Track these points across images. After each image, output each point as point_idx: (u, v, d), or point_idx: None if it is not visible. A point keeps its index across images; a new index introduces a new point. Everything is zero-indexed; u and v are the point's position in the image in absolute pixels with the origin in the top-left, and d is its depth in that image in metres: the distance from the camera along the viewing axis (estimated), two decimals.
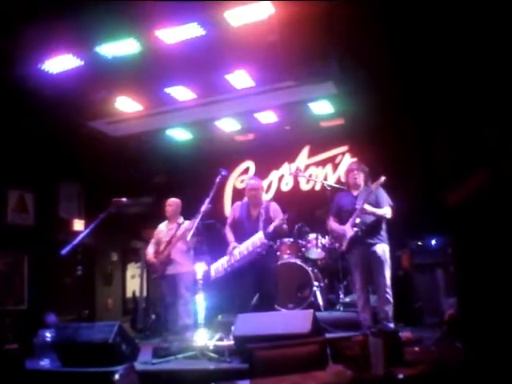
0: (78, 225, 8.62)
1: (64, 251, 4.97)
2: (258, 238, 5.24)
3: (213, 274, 5.43)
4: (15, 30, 4.97)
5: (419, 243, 6.16)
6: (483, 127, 3.41)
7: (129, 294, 9.55)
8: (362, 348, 3.07)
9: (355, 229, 4.93)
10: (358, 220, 4.92)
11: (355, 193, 5.13)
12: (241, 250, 5.28)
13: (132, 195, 6.15)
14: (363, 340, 3.12)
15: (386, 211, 4.97)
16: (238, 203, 5.65)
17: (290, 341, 3.63)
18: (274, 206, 5.49)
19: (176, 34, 5.28)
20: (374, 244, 4.93)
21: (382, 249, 4.94)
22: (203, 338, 4.76)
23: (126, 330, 4.91)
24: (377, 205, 4.98)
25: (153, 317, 7.71)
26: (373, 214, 4.93)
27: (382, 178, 4.93)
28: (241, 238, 5.35)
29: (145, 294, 8.30)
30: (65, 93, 6.10)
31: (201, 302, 5.18)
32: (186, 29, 5.20)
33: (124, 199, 5.61)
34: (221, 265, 5.41)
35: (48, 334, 5.53)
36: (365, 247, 4.95)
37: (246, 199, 5.57)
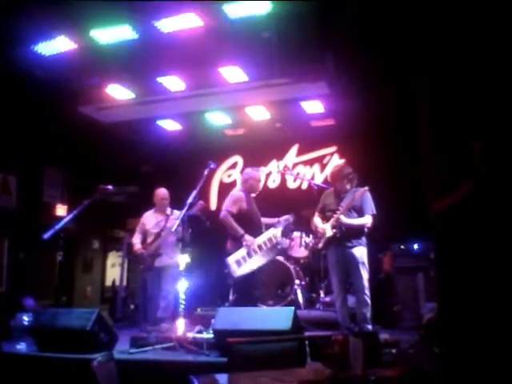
0: (61, 210, 8.54)
1: (46, 235, 4.91)
2: (273, 234, 5.23)
3: (236, 268, 5.05)
4: (10, 8, 4.89)
5: (402, 247, 6.22)
6: (470, 136, 3.44)
7: (108, 283, 9.49)
8: (342, 347, 3.08)
9: (334, 230, 4.95)
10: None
11: (342, 195, 5.15)
12: (259, 244, 5.13)
13: (117, 183, 6.10)
14: (343, 339, 3.14)
15: (366, 220, 4.97)
16: (241, 194, 5.36)
17: (270, 337, 3.64)
18: None
19: (173, 23, 5.25)
20: (353, 246, 4.94)
21: (360, 251, 4.95)
22: (182, 330, 4.74)
23: (106, 318, 4.88)
24: (360, 211, 5.01)
25: (132, 307, 7.67)
26: (350, 225, 4.92)
27: (365, 188, 4.98)
28: (251, 232, 5.16)
29: (125, 283, 8.25)
30: (56, 76, 6.04)
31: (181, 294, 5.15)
32: (183, 19, 5.18)
33: (110, 187, 5.55)
34: (241, 258, 5.09)
35: (26, 318, 5.48)
36: (343, 248, 4.97)
37: (244, 190, 5.40)
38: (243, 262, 5.08)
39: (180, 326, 4.76)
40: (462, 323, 3.22)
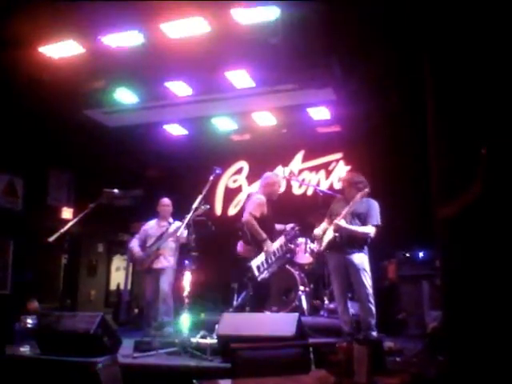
0: (67, 213, 8.56)
1: (51, 238, 4.93)
2: (284, 242, 5.31)
3: (256, 273, 5.05)
4: (17, 9, 4.92)
5: (406, 254, 6.20)
6: (478, 141, 3.42)
7: (112, 287, 9.49)
8: (346, 354, 3.06)
9: (336, 234, 4.92)
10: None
11: (350, 202, 5.13)
12: (273, 251, 5.17)
13: (122, 187, 6.14)
14: (348, 347, 3.11)
15: (368, 230, 4.89)
16: (263, 198, 5.35)
17: (274, 343, 3.62)
18: None
19: (180, 28, 5.26)
20: (352, 252, 4.89)
21: (360, 258, 4.89)
22: (186, 335, 4.73)
23: (110, 322, 4.88)
24: (365, 219, 4.95)
25: (136, 311, 7.67)
26: (348, 230, 4.87)
27: (366, 190, 4.91)
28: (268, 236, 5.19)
29: (129, 287, 8.25)
30: (63, 79, 6.05)
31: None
32: (191, 24, 5.19)
33: (115, 190, 5.58)
34: (261, 263, 5.10)
35: (30, 321, 5.49)
36: (343, 254, 4.93)
37: (264, 194, 5.39)
38: (262, 268, 5.09)
39: (184, 331, 4.76)
40: (468, 331, 3.20)
